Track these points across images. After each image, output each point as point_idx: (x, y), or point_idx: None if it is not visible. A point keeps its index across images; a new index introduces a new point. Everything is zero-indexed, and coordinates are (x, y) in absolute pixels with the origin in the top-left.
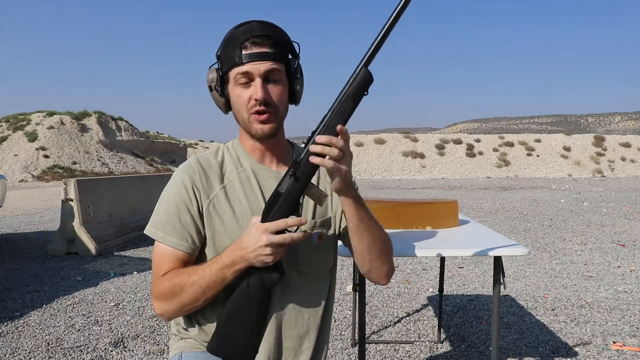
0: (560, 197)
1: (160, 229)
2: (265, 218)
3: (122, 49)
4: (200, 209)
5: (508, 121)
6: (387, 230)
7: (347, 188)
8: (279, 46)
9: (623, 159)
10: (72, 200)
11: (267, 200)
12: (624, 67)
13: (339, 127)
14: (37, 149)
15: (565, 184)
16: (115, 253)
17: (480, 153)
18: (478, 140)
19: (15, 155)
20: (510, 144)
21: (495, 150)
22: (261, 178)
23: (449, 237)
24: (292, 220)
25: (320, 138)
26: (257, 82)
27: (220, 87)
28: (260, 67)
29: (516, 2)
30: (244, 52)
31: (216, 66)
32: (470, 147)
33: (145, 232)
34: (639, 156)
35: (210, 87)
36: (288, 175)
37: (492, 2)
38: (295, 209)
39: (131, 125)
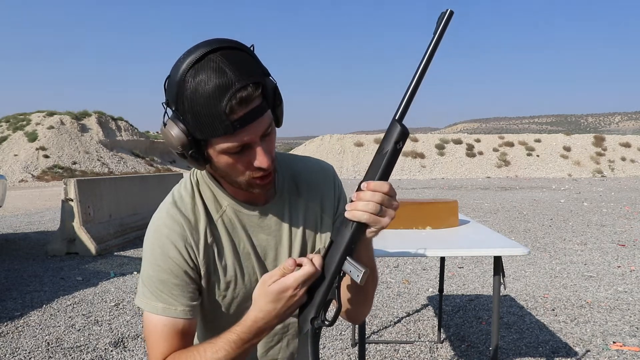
0: (560, 197)
1: (157, 299)
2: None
3: (122, 48)
4: (199, 270)
5: (508, 121)
6: (387, 230)
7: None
8: (261, 86)
9: (623, 159)
10: (72, 200)
11: None
12: (624, 67)
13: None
14: (37, 149)
15: (565, 184)
16: (115, 253)
17: (480, 153)
18: (478, 140)
19: (15, 155)
20: (510, 144)
21: (495, 150)
22: (243, 219)
23: (449, 237)
24: (288, 262)
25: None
26: (259, 149)
27: (196, 150)
28: (256, 130)
29: (516, 2)
30: (232, 117)
31: (174, 118)
32: (470, 147)
33: (136, 303)
34: (639, 156)
35: (181, 154)
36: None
37: (492, 2)
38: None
39: (131, 125)
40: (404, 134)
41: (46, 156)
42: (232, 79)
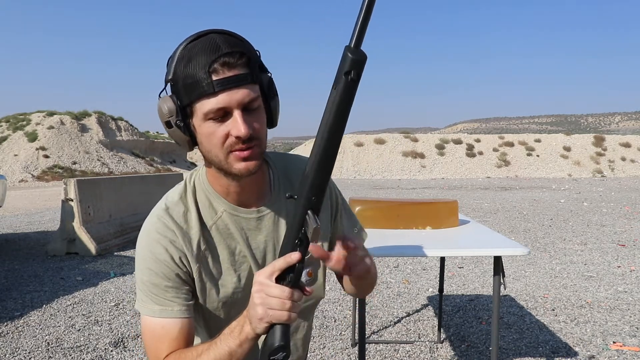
0: (560, 197)
1: (153, 302)
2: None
3: (122, 48)
4: (192, 275)
5: (508, 121)
6: (387, 230)
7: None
8: (251, 63)
9: (623, 159)
10: (72, 200)
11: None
12: (624, 67)
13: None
14: (37, 149)
15: (565, 184)
16: (115, 253)
17: (480, 153)
18: (478, 140)
19: (15, 155)
20: (510, 144)
21: (495, 150)
22: (240, 222)
23: (449, 237)
24: (294, 255)
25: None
26: (237, 115)
27: (182, 121)
28: (237, 96)
29: (516, 3)
30: (214, 77)
31: (168, 92)
32: (470, 147)
33: (136, 308)
34: (639, 156)
35: (168, 122)
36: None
37: (492, 2)
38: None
39: (131, 125)
40: (358, 62)
41: (46, 156)
42: (220, 46)
